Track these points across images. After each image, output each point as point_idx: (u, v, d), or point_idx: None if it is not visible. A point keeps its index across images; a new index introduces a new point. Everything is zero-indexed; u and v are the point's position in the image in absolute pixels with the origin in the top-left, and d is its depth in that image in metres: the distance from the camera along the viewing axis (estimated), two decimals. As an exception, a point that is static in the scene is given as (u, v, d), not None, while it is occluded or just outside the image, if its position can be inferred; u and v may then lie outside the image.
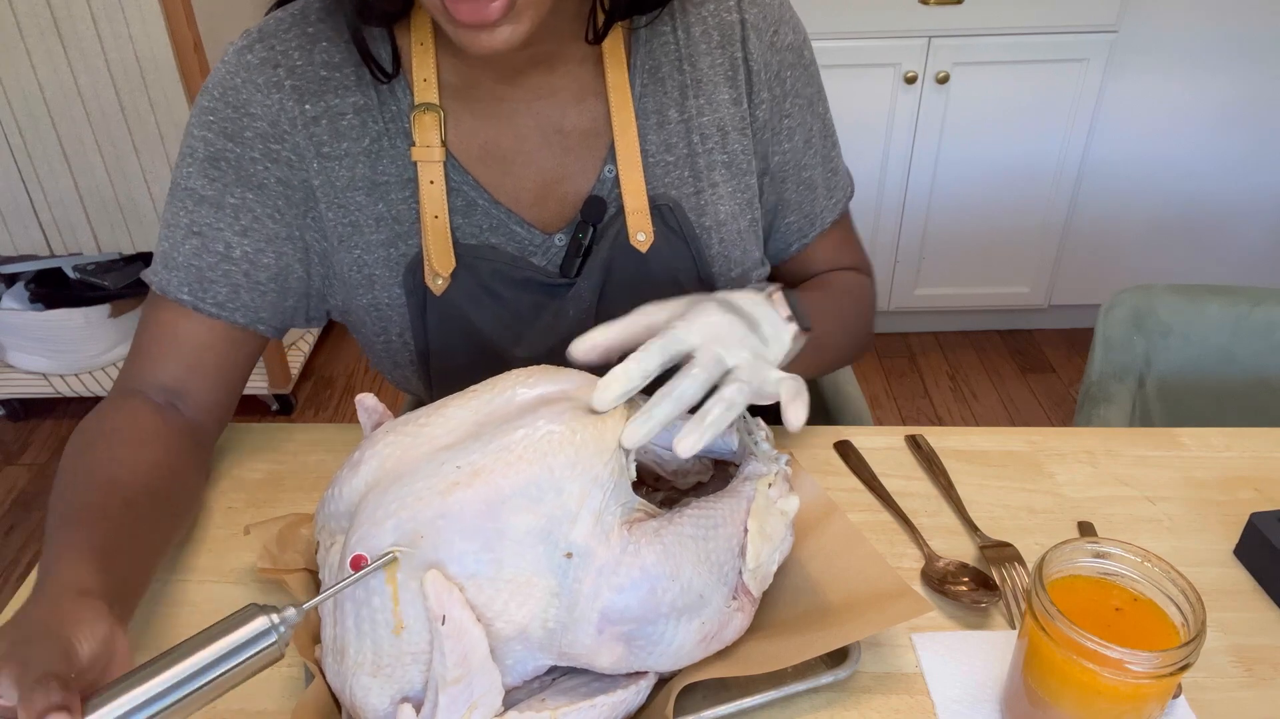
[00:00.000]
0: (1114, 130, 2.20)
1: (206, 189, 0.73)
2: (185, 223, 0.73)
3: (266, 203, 0.74)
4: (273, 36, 0.73)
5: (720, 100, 0.77)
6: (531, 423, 0.57)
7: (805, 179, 0.84)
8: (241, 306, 0.74)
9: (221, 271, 0.73)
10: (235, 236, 0.73)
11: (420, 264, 0.76)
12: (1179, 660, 0.51)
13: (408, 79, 0.74)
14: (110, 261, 2.22)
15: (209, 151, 0.73)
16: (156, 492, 0.67)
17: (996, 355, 2.50)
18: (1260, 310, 1.14)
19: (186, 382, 0.75)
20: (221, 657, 0.47)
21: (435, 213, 0.74)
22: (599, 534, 0.56)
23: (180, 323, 0.74)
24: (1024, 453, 0.83)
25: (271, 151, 0.73)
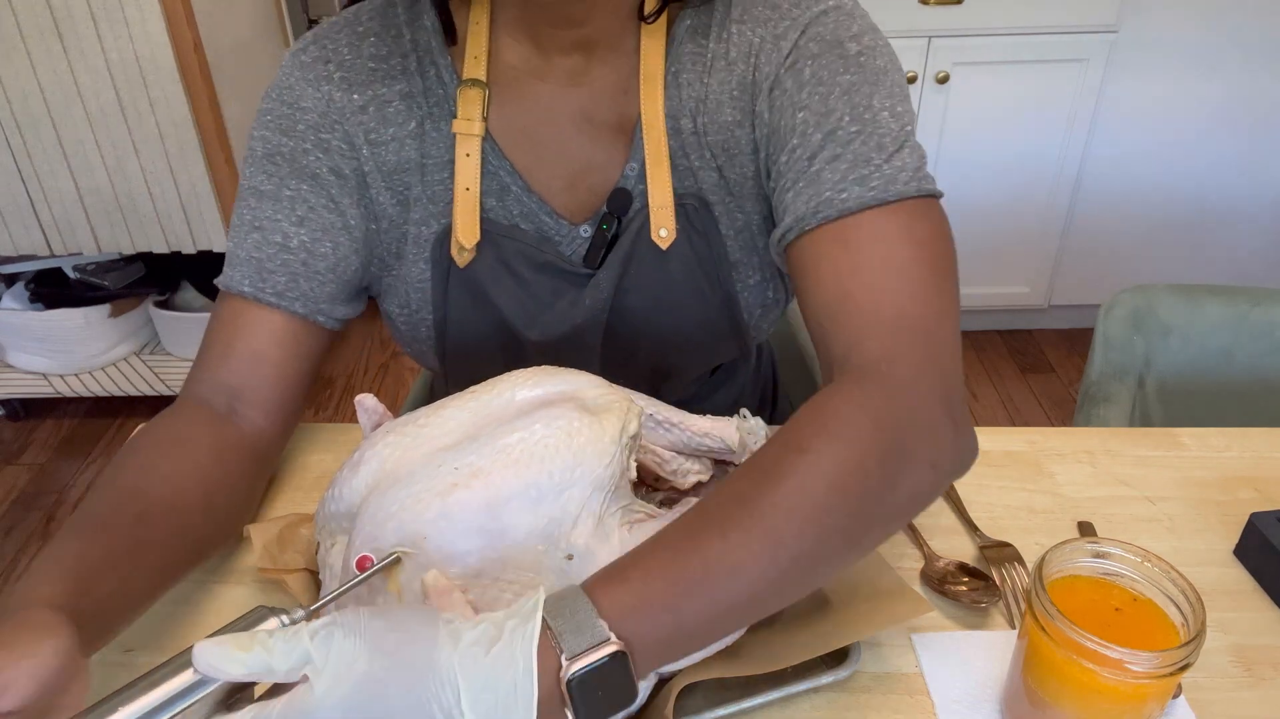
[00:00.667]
0: (1114, 130, 2.20)
1: (265, 184, 0.75)
2: (248, 219, 0.75)
3: (321, 193, 0.76)
4: (325, 38, 0.77)
5: (723, 122, 0.75)
6: (528, 426, 0.57)
7: (812, 169, 0.68)
8: (301, 295, 0.75)
9: (280, 261, 0.74)
10: (292, 227, 0.75)
11: (448, 237, 0.77)
12: (1179, 660, 0.51)
13: (457, 62, 0.76)
14: (110, 262, 2.22)
15: (266, 149, 0.75)
16: (184, 506, 0.64)
17: (996, 355, 2.50)
18: (1260, 310, 1.14)
19: (247, 378, 0.74)
20: None
21: (468, 184, 0.76)
22: (600, 536, 0.56)
23: (241, 317, 0.75)
24: (1024, 453, 0.83)
25: (322, 141, 0.75)
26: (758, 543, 0.51)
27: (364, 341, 2.61)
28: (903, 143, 0.69)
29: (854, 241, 0.64)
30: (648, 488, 0.70)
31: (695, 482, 0.70)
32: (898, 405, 0.57)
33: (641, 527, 0.58)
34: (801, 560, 0.52)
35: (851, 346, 0.61)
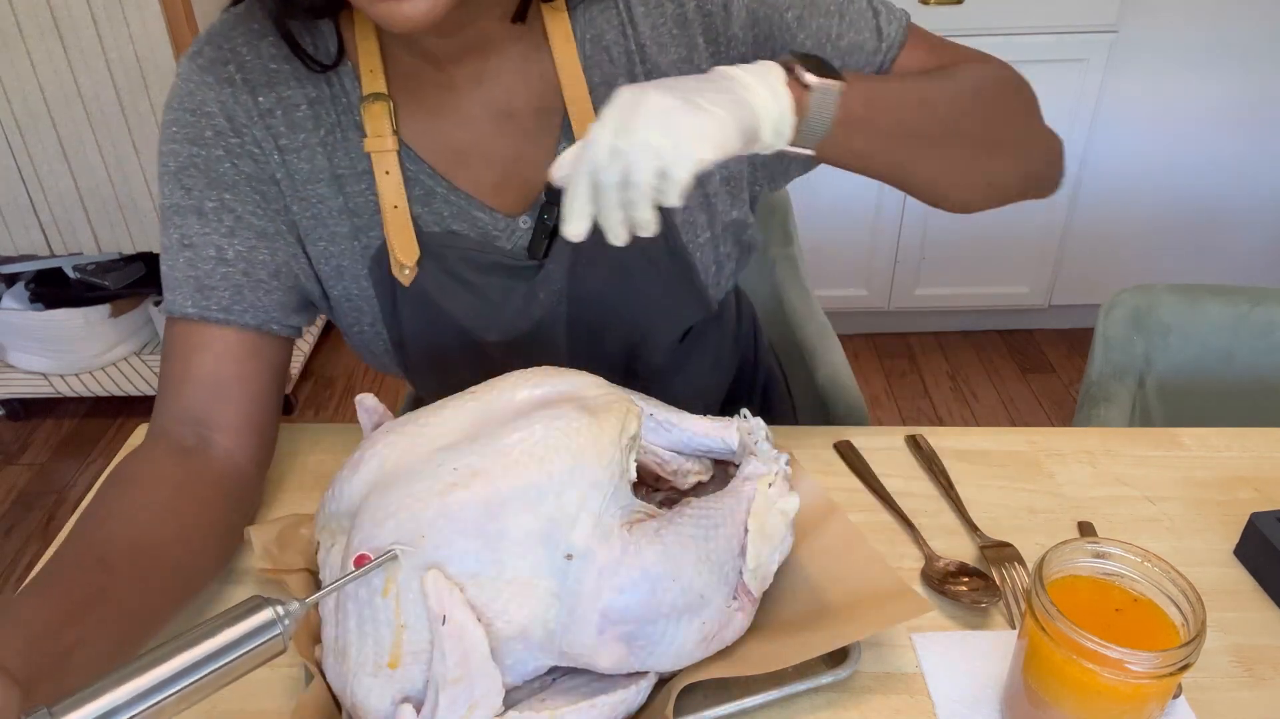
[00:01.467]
0: (1114, 130, 2.20)
1: (184, 200, 0.72)
2: (176, 239, 0.72)
3: (244, 200, 0.73)
4: (219, 36, 0.73)
5: (665, 63, 0.73)
6: (528, 426, 0.57)
7: (844, 47, 0.76)
8: (249, 307, 0.73)
9: (220, 275, 0.72)
10: (223, 239, 0.72)
11: (385, 255, 0.74)
12: (1179, 660, 0.51)
13: (355, 71, 0.73)
14: (110, 262, 2.22)
15: (178, 163, 0.72)
16: (150, 546, 0.63)
17: (996, 355, 2.50)
18: (1260, 310, 1.14)
19: (211, 405, 0.72)
20: (226, 646, 0.47)
21: (394, 203, 0.73)
22: (599, 536, 0.56)
23: (191, 339, 0.72)
24: (1024, 453, 0.83)
25: (233, 147, 0.72)
26: (945, 94, 0.72)
27: (364, 342, 2.61)
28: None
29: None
30: (648, 488, 0.70)
31: (695, 482, 0.70)
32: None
33: (641, 527, 0.58)
34: (966, 123, 0.73)
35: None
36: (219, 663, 0.47)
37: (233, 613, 0.48)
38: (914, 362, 2.49)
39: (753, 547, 0.60)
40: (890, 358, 2.50)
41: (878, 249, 2.36)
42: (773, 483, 0.63)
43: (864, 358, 2.50)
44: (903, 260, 2.37)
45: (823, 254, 2.34)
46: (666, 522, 0.58)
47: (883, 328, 2.58)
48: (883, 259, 2.37)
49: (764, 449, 0.66)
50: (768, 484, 0.62)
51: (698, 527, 0.59)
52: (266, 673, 0.63)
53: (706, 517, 0.59)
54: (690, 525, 0.59)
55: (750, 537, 0.60)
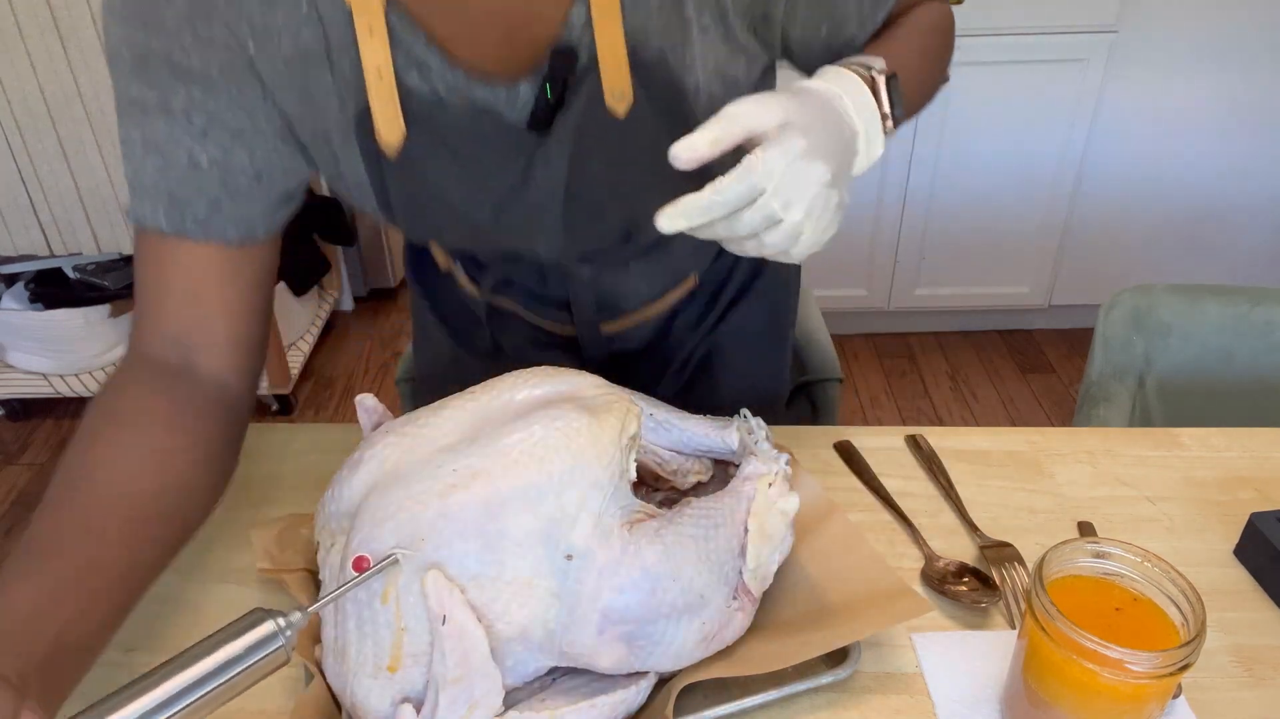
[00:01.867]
0: (1114, 130, 2.20)
1: (148, 95, 0.62)
2: (138, 138, 0.63)
3: (217, 96, 0.63)
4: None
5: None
6: (527, 427, 0.57)
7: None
8: (229, 220, 0.65)
9: (194, 186, 0.64)
10: (195, 143, 0.63)
11: (369, 120, 0.66)
12: (1179, 660, 0.51)
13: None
14: (110, 262, 2.22)
15: (134, 52, 0.62)
16: (145, 497, 0.60)
17: (996, 355, 2.50)
18: (1260, 310, 1.14)
19: (193, 325, 0.66)
20: (228, 662, 0.47)
21: (378, 65, 0.63)
22: (599, 536, 0.56)
23: (166, 255, 0.65)
24: (1024, 453, 0.83)
25: (201, 37, 0.62)
26: (931, 46, 0.77)
27: (364, 342, 2.61)
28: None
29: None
30: (648, 488, 0.70)
31: (695, 482, 0.70)
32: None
33: (641, 526, 0.58)
34: (939, 64, 0.80)
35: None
36: (222, 679, 0.46)
37: (234, 628, 0.48)
38: (914, 361, 2.49)
39: (753, 547, 0.60)
40: (890, 358, 2.50)
41: (878, 249, 2.36)
42: (773, 483, 0.63)
43: (864, 358, 2.50)
44: (903, 260, 2.37)
45: (823, 254, 2.31)
46: (666, 522, 0.58)
47: (883, 328, 2.58)
48: (883, 259, 2.37)
49: (764, 449, 0.66)
50: (768, 484, 0.62)
51: (698, 526, 0.59)
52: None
53: (706, 517, 0.60)
54: (690, 525, 0.59)
55: (750, 537, 0.60)
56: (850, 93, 0.62)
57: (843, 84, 0.63)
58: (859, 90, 0.63)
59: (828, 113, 0.60)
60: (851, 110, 0.62)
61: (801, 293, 1.43)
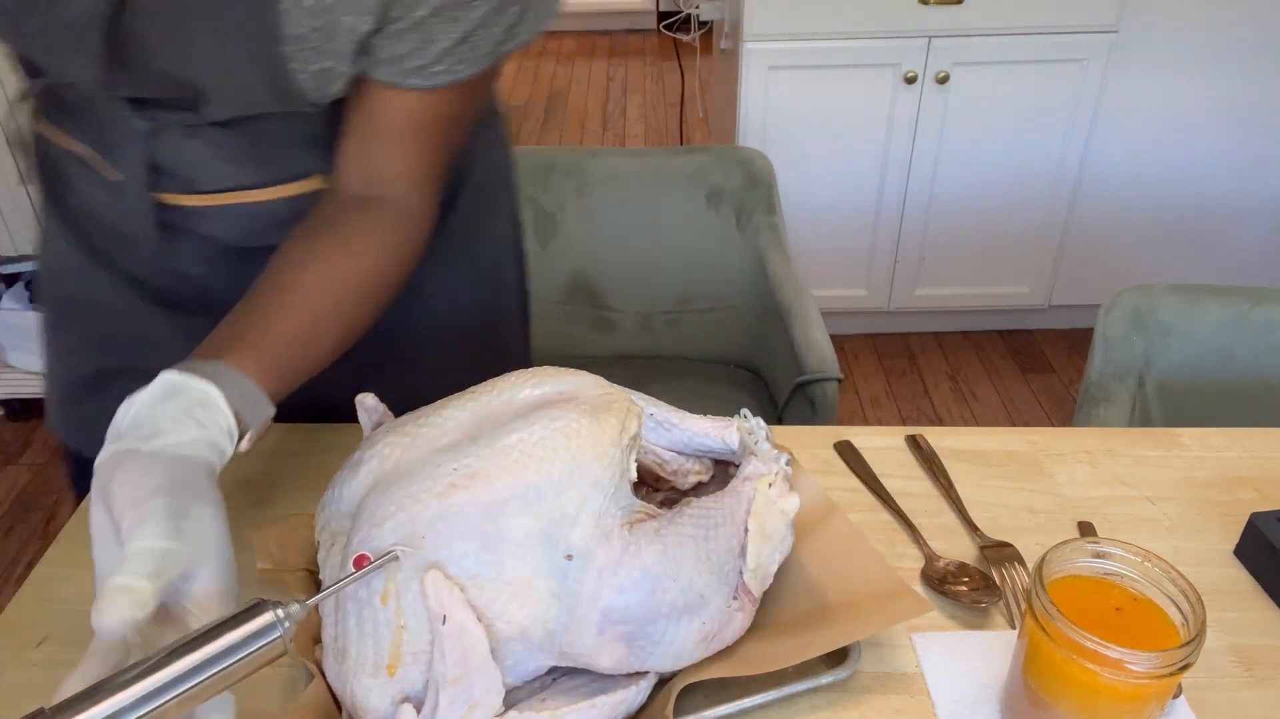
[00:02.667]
0: (1114, 130, 2.20)
1: None
2: None
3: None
4: None
5: None
6: (527, 427, 0.57)
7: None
8: None
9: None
10: None
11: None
12: (1179, 660, 0.51)
13: None
14: (110, 262, 2.22)
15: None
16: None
17: (996, 355, 2.50)
18: (1260, 310, 1.14)
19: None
20: (227, 649, 0.47)
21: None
22: (599, 536, 0.56)
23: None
24: (1024, 453, 0.83)
25: None
26: (341, 315, 0.71)
27: (364, 342, 2.61)
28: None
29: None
30: (648, 488, 0.70)
31: (695, 482, 0.70)
32: None
33: (641, 526, 0.58)
34: (357, 321, 0.73)
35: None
36: (219, 667, 0.47)
37: (234, 618, 0.48)
38: (914, 361, 2.49)
39: (753, 546, 0.60)
40: (890, 358, 2.50)
41: (878, 249, 2.36)
42: (773, 483, 0.63)
43: (864, 358, 2.50)
44: (903, 260, 2.37)
45: (823, 254, 2.34)
46: (667, 522, 0.58)
47: (883, 328, 2.58)
48: (883, 259, 2.37)
49: (764, 449, 0.66)
50: (768, 484, 0.62)
51: (698, 527, 0.59)
52: (267, 672, 0.63)
53: (707, 517, 0.60)
54: (690, 525, 0.59)
55: (750, 536, 0.60)
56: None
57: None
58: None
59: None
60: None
61: (801, 293, 1.44)
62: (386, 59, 0.66)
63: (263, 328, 0.62)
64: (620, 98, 4.16)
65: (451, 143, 0.75)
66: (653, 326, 1.62)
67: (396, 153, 0.72)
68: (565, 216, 1.56)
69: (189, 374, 0.55)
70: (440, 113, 0.71)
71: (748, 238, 1.54)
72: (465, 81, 0.68)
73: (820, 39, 2.07)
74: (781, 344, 1.40)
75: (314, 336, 0.65)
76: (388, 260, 0.71)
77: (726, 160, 1.55)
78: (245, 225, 0.79)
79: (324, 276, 0.67)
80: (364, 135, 0.71)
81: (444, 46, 0.65)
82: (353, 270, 0.68)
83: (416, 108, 0.69)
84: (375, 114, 0.70)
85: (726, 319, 1.60)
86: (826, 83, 2.12)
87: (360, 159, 0.72)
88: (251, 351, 0.60)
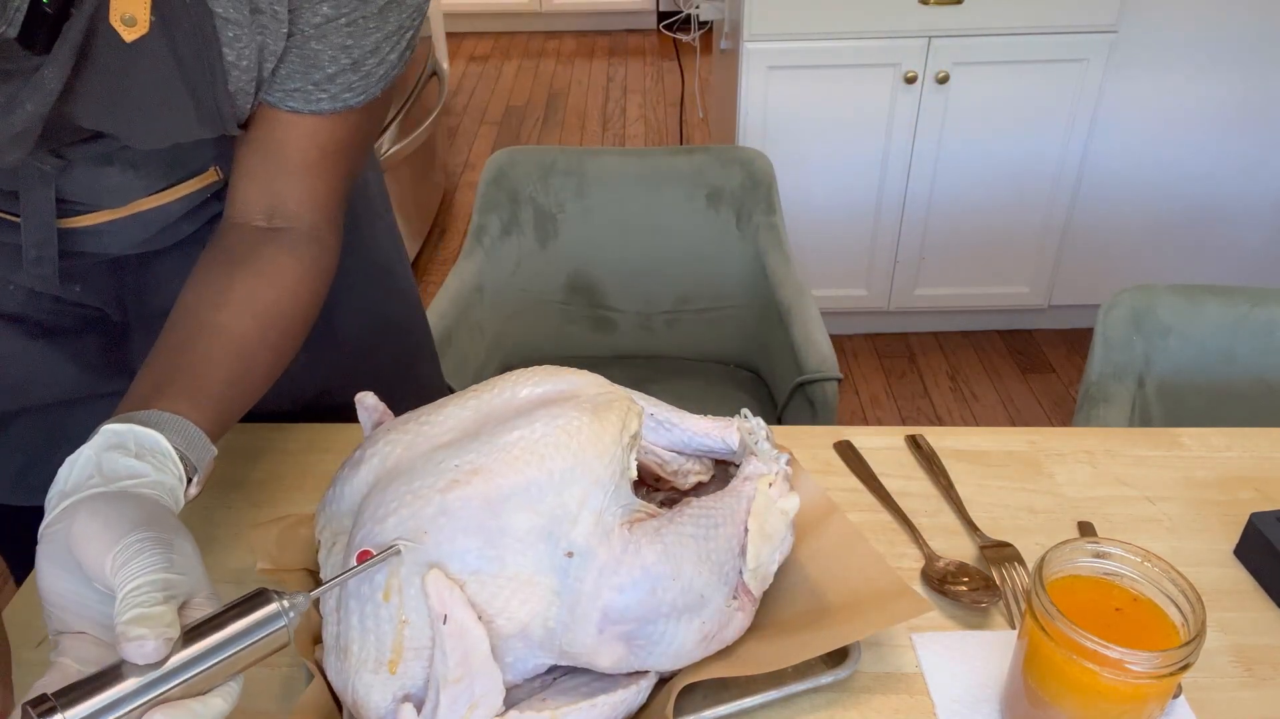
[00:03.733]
0: (1114, 130, 2.20)
1: None
2: None
3: None
4: None
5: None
6: (528, 424, 0.57)
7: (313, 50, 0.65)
8: None
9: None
10: None
11: None
12: (1179, 660, 0.51)
13: None
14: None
15: None
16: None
17: (996, 355, 2.50)
18: (1260, 310, 1.14)
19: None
20: (232, 638, 0.47)
21: None
22: (599, 534, 0.56)
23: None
24: (1024, 453, 0.83)
25: None
26: (260, 350, 0.68)
27: (364, 341, 2.61)
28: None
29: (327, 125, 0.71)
30: (648, 488, 0.70)
31: (695, 482, 0.70)
32: None
33: (642, 525, 0.58)
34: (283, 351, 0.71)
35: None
36: (223, 655, 0.47)
37: (237, 604, 0.48)
38: (914, 361, 2.49)
39: (753, 546, 0.60)
40: (890, 358, 2.50)
41: (878, 249, 2.36)
42: (773, 483, 0.63)
43: (864, 358, 2.50)
44: (903, 260, 2.37)
45: (823, 254, 2.34)
46: (667, 521, 0.58)
47: (883, 328, 2.58)
48: (883, 259, 2.37)
49: (764, 449, 0.66)
50: (768, 484, 0.62)
51: (698, 526, 0.59)
52: (267, 673, 0.63)
53: (707, 516, 0.60)
54: (690, 525, 0.59)
55: (750, 536, 0.60)
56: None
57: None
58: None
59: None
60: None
61: (801, 293, 1.44)
62: (293, 88, 0.65)
63: (193, 371, 0.61)
64: (620, 98, 4.16)
65: (354, 170, 0.74)
66: (652, 326, 1.62)
67: (301, 184, 0.70)
68: (565, 216, 1.56)
69: (130, 424, 0.54)
70: (343, 139, 0.70)
71: (747, 238, 1.54)
72: (366, 105, 0.68)
73: (820, 39, 2.07)
74: (781, 344, 1.40)
75: (245, 375, 0.64)
76: (305, 290, 0.70)
77: (726, 160, 1.55)
78: (140, 232, 0.78)
79: (246, 313, 0.65)
80: (267, 168, 0.69)
81: (339, 70, 0.65)
82: (273, 303, 0.67)
83: (323, 135, 0.68)
84: (279, 144, 0.68)
85: (726, 319, 1.60)
86: (826, 83, 2.12)
87: (263, 193, 0.69)
88: (186, 396, 0.58)
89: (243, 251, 0.68)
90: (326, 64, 0.64)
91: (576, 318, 1.62)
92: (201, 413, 0.58)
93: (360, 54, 0.65)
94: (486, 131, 3.88)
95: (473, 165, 3.60)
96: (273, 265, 0.68)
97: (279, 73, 0.65)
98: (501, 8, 4.79)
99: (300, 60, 0.64)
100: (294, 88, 0.65)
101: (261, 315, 0.66)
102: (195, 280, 0.68)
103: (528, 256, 1.57)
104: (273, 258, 0.68)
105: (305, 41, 0.63)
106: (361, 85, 0.66)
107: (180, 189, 0.77)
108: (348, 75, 0.66)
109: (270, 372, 0.67)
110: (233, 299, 0.66)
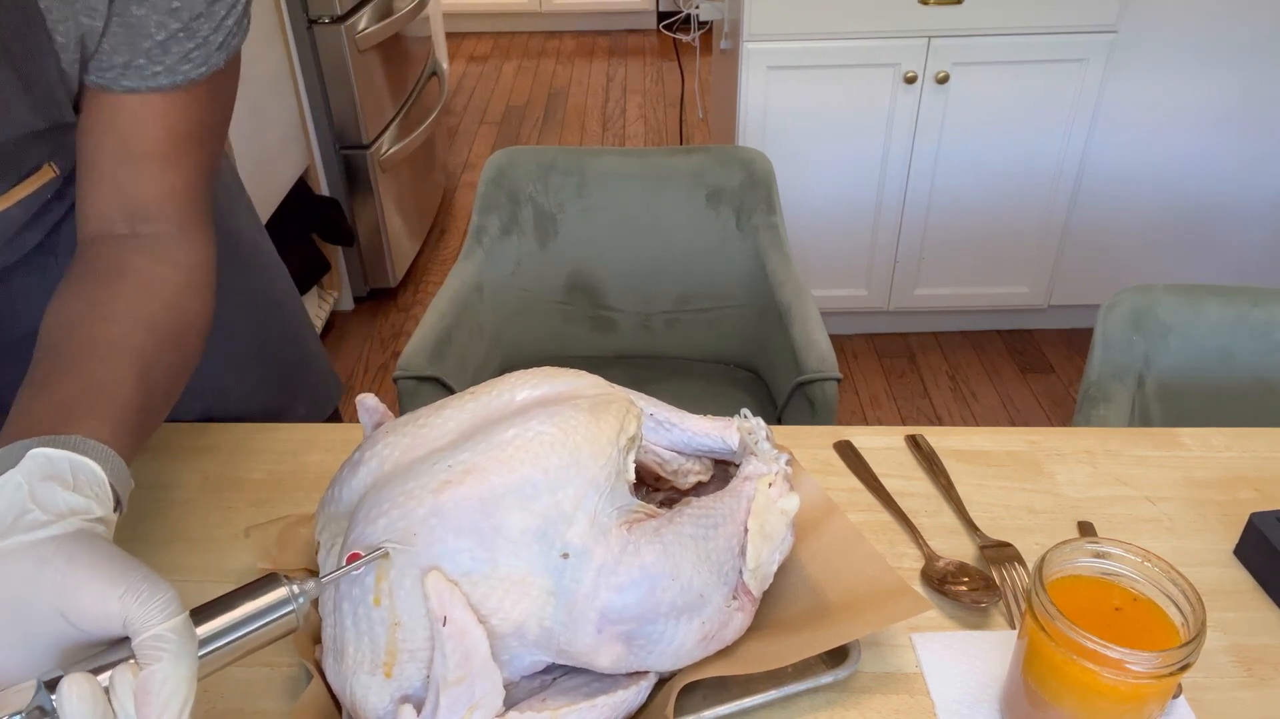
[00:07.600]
0: (1114, 130, 2.20)
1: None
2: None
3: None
4: None
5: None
6: (524, 424, 0.57)
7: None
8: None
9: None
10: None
11: None
12: (1179, 660, 0.51)
13: None
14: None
15: None
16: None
17: (996, 355, 2.50)
18: (1260, 310, 1.14)
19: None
20: (242, 620, 0.47)
21: None
22: (595, 535, 0.56)
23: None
24: (1024, 453, 0.83)
25: None
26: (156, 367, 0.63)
27: (364, 342, 2.61)
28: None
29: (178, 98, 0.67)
30: (648, 488, 0.70)
31: (695, 482, 0.70)
32: None
33: (641, 526, 0.58)
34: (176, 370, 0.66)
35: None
36: (233, 637, 0.47)
37: (248, 588, 0.49)
38: (913, 361, 2.49)
39: (753, 546, 0.60)
40: (890, 358, 2.50)
41: (878, 249, 2.36)
42: (773, 483, 0.63)
43: (864, 358, 2.51)
44: (903, 260, 2.37)
45: (823, 254, 2.34)
46: (666, 521, 0.58)
47: (882, 328, 2.58)
48: (883, 259, 2.37)
49: (764, 449, 0.66)
50: (768, 484, 0.62)
51: (697, 526, 0.59)
52: (267, 673, 0.63)
53: (706, 516, 0.60)
54: (690, 525, 0.59)
55: (750, 536, 0.60)
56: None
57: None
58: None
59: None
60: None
61: (801, 293, 1.44)
62: (122, 61, 0.62)
63: (103, 392, 0.57)
64: (620, 98, 4.16)
65: (210, 163, 0.69)
66: (652, 326, 1.62)
67: (155, 176, 0.65)
68: (565, 216, 1.56)
69: (58, 448, 0.50)
70: (194, 121, 0.66)
71: (747, 238, 1.54)
72: (211, 82, 0.64)
73: (820, 39, 2.07)
74: (781, 344, 1.40)
75: (149, 394, 0.59)
76: (193, 300, 0.66)
77: (726, 160, 1.55)
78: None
79: (136, 328, 0.61)
80: (115, 163, 0.65)
81: (169, 36, 0.61)
82: (161, 318, 0.63)
83: (171, 117, 0.64)
84: (123, 134, 0.64)
85: (726, 319, 1.60)
86: (826, 83, 2.12)
87: (116, 193, 0.65)
88: (105, 420, 0.55)
89: (113, 266, 0.64)
90: (154, 29, 0.61)
91: (576, 318, 1.62)
92: (120, 440, 0.54)
93: (189, 16, 0.61)
94: (486, 131, 3.88)
95: (473, 165, 3.60)
96: (150, 277, 0.64)
97: (104, 46, 0.61)
98: (501, 8, 4.79)
99: (125, 30, 0.60)
100: (123, 61, 0.61)
101: (153, 330, 0.62)
102: (68, 293, 0.63)
103: (527, 256, 1.57)
104: (147, 268, 0.64)
105: (126, 7, 0.59)
106: (200, 55, 0.62)
107: (16, 192, 0.71)
108: (182, 43, 0.62)
109: (170, 390, 0.63)
110: (117, 312, 0.61)
